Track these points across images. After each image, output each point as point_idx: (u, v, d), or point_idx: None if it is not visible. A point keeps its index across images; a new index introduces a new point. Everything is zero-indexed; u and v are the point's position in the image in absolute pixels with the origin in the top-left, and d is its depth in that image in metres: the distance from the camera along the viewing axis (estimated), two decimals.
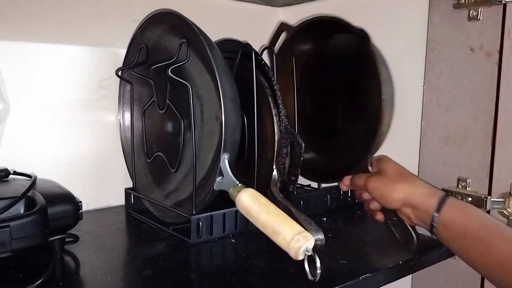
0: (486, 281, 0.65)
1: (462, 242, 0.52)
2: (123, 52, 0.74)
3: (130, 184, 0.78)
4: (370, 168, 0.65)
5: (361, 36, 0.68)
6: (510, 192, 0.62)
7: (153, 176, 0.76)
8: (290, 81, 0.80)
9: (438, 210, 0.54)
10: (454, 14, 0.67)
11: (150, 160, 0.74)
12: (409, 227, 0.60)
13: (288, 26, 0.81)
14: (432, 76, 0.70)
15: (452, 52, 0.68)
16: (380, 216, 0.63)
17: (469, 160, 0.67)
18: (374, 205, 0.63)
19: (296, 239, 0.48)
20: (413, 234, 0.59)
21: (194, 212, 0.62)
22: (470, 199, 0.66)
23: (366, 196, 0.64)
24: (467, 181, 0.67)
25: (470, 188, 0.67)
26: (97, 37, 0.78)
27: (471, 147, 0.66)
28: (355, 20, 0.85)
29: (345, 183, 0.66)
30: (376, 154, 0.71)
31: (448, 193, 0.58)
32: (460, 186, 0.68)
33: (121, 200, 0.79)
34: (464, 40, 0.67)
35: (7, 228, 0.47)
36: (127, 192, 0.77)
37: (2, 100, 0.68)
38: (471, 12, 0.65)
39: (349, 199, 0.83)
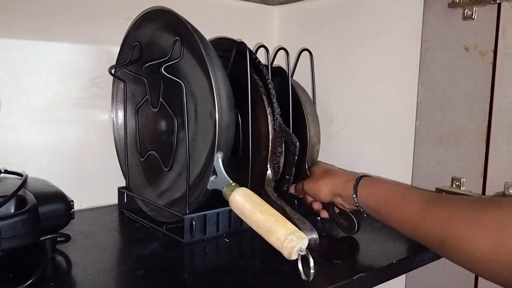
0: (479, 279, 0.65)
1: (380, 213, 0.59)
2: (116, 49, 0.74)
3: (123, 183, 0.77)
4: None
5: (279, 72, 0.74)
6: (504, 192, 0.62)
7: (147, 175, 0.76)
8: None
9: (355, 192, 0.61)
10: (448, 13, 0.67)
11: (143, 159, 0.73)
12: (349, 213, 0.65)
13: None
14: (426, 76, 0.70)
15: (446, 51, 0.68)
16: (324, 214, 0.70)
17: (463, 159, 0.67)
18: (316, 205, 0.71)
19: (289, 238, 0.48)
20: (354, 218, 0.65)
21: (187, 212, 0.62)
22: None
23: (309, 199, 0.71)
24: (461, 180, 0.67)
25: (464, 188, 0.67)
26: (90, 34, 0.77)
27: (466, 146, 0.66)
28: (350, 19, 0.85)
29: (292, 191, 0.73)
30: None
31: (364, 175, 0.64)
32: (454, 186, 0.68)
33: (114, 199, 0.78)
34: (458, 39, 0.66)
35: None
36: (120, 191, 0.76)
37: None
38: (465, 11, 0.65)
39: None
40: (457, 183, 0.67)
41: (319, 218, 0.73)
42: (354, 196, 0.61)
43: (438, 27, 0.69)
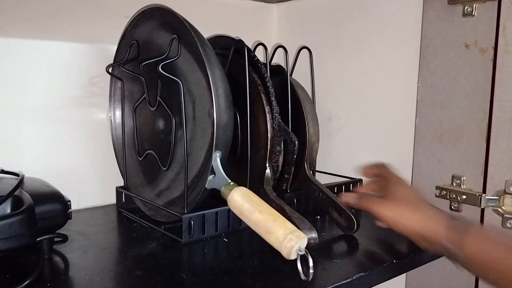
0: (480, 279, 0.65)
1: (484, 266, 0.51)
2: (113, 48, 0.73)
3: (121, 183, 0.76)
4: (364, 176, 0.66)
5: (278, 71, 0.73)
6: (504, 190, 0.62)
7: (145, 175, 0.75)
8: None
9: (460, 248, 0.51)
10: (448, 10, 0.67)
11: (141, 158, 0.73)
12: (349, 212, 0.63)
13: None
14: (426, 73, 0.70)
15: (446, 49, 0.67)
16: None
17: (464, 157, 0.66)
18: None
19: (288, 238, 0.47)
20: (353, 217, 0.63)
21: (185, 211, 0.62)
22: (464, 197, 0.66)
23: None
24: (462, 178, 0.66)
25: (464, 186, 0.66)
26: (87, 33, 0.76)
27: (466, 144, 0.66)
28: (349, 16, 0.85)
29: (349, 201, 0.63)
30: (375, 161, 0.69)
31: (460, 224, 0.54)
32: (454, 184, 0.67)
33: (112, 199, 0.78)
34: (458, 36, 0.66)
35: None
36: (118, 190, 0.76)
37: None
38: (465, 8, 0.64)
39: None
40: (457, 181, 0.67)
41: (318, 217, 0.72)
42: (456, 251, 0.51)
43: (438, 24, 0.68)
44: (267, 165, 0.67)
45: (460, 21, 0.66)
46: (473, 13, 0.64)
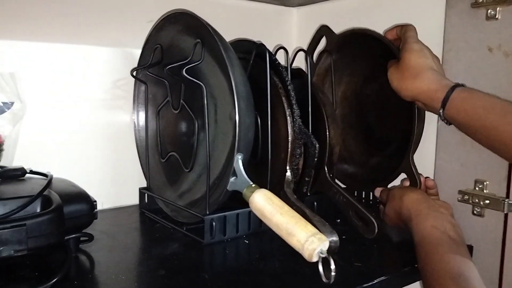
0: (504, 281, 0.64)
1: (470, 131, 0.57)
2: (138, 52, 0.75)
3: (144, 184, 0.78)
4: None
5: (300, 76, 0.74)
6: None
7: (167, 176, 0.76)
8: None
9: (443, 106, 0.58)
10: (471, 13, 0.66)
11: (164, 160, 0.74)
12: (369, 216, 0.63)
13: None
14: (449, 77, 0.69)
15: (469, 52, 0.67)
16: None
17: (487, 161, 0.65)
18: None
19: (310, 240, 0.48)
20: (373, 220, 0.62)
21: (207, 212, 0.62)
22: (487, 201, 0.65)
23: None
24: (485, 183, 0.66)
25: (487, 191, 0.66)
26: (112, 37, 0.78)
27: None
28: (369, 20, 0.85)
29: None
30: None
31: (458, 84, 0.59)
32: (477, 189, 0.66)
33: (135, 200, 0.79)
34: (482, 40, 0.65)
35: (23, 227, 0.48)
36: (141, 191, 0.77)
37: (19, 100, 0.69)
38: (489, 11, 0.64)
39: (363, 201, 0.82)
40: (480, 186, 0.66)
41: (338, 220, 0.72)
42: (441, 111, 0.58)
43: (461, 28, 0.67)
44: (287, 167, 0.67)
45: (483, 24, 0.65)
46: (497, 16, 0.63)
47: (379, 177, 0.79)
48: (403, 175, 0.73)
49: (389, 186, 0.76)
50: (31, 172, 0.62)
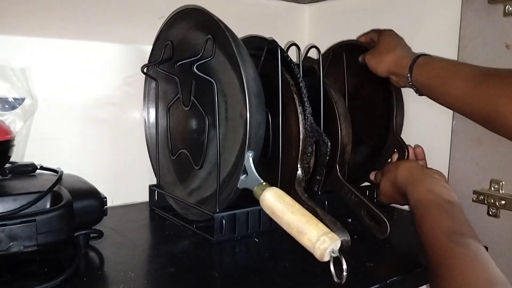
0: None
1: (431, 90, 0.63)
2: (148, 49, 0.75)
3: (154, 181, 0.78)
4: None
5: (312, 73, 0.73)
6: None
7: (177, 174, 0.76)
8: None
9: (410, 71, 0.65)
10: (488, 9, 0.65)
11: (174, 157, 0.74)
12: (382, 216, 0.62)
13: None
14: None
15: (486, 49, 0.65)
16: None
17: (503, 161, 0.64)
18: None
19: (322, 240, 0.47)
20: (386, 220, 0.62)
21: (217, 210, 0.62)
22: (503, 202, 0.63)
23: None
24: (501, 183, 0.64)
25: (503, 191, 0.64)
26: (123, 34, 0.78)
27: (505, 148, 0.63)
28: (382, 16, 0.83)
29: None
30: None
31: (423, 54, 0.66)
32: (493, 189, 0.65)
33: (144, 197, 0.79)
34: (499, 36, 0.64)
35: (33, 222, 0.48)
36: (151, 188, 0.77)
37: (30, 96, 0.69)
38: (507, 7, 0.62)
39: (375, 200, 0.81)
40: (496, 186, 0.65)
41: (349, 220, 0.71)
42: (408, 75, 0.64)
43: (477, 24, 0.66)
44: (298, 166, 0.67)
45: (501, 21, 0.63)
46: None
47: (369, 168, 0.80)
48: None
49: None
50: (42, 168, 0.62)
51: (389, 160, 0.77)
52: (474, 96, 0.55)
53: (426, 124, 0.76)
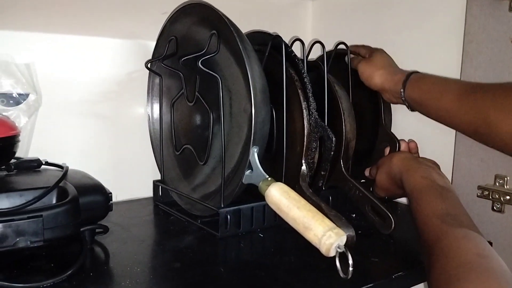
0: None
1: (423, 105, 0.65)
2: (152, 44, 0.74)
3: (157, 176, 0.78)
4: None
5: (315, 67, 0.74)
6: None
7: (181, 169, 0.76)
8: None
9: (404, 87, 0.67)
10: (494, 4, 0.64)
11: (178, 153, 0.74)
12: (387, 212, 0.63)
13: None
14: (469, 69, 0.68)
15: (491, 44, 0.65)
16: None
17: (507, 156, 0.63)
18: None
19: (328, 235, 0.47)
20: (390, 215, 0.62)
21: (222, 206, 0.62)
22: (508, 197, 0.63)
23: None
24: (505, 178, 0.64)
25: (508, 186, 0.64)
26: (126, 29, 0.78)
27: None
28: (386, 11, 0.83)
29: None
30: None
31: (415, 71, 0.68)
32: (497, 184, 0.65)
33: (148, 192, 0.79)
34: (504, 31, 0.64)
35: (40, 218, 0.48)
36: (155, 184, 0.77)
37: (34, 91, 0.69)
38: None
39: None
40: (500, 181, 0.65)
41: (353, 215, 0.71)
42: (401, 90, 0.67)
43: (482, 19, 0.66)
44: (303, 161, 0.67)
45: (506, 16, 0.63)
46: None
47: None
48: None
49: None
50: (47, 163, 0.62)
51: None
52: (465, 109, 0.56)
53: (430, 119, 0.76)
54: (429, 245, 0.48)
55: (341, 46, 0.79)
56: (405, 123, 0.80)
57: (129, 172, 0.81)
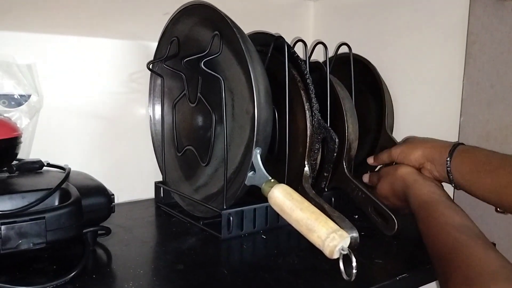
0: None
1: (472, 179, 0.58)
2: (154, 45, 0.74)
3: (159, 178, 0.78)
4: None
5: (317, 68, 0.73)
6: None
7: (183, 170, 0.76)
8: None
9: (451, 156, 0.61)
10: (497, 5, 0.64)
11: (180, 154, 0.74)
12: (390, 213, 0.63)
13: None
14: (472, 70, 0.68)
15: (494, 45, 0.65)
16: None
17: None
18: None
19: (331, 237, 0.47)
20: (393, 216, 0.62)
21: (225, 207, 0.62)
22: None
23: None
24: None
25: None
26: (128, 30, 0.78)
27: None
28: (389, 12, 0.83)
29: (370, 162, 0.75)
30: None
31: (461, 143, 0.63)
32: None
33: (150, 194, 0.79)
34: (507, 32, 0.63)
35: (42, 220, 0.47)
36: (157, 185, 0.77)
37: (36, 93, 0.69)
38: None
39: None
40: None
41: (356, 216, 0.71)
42: (448, 159, 0.60)
43: (486, 20, 0.66)
44: (305, 162, 0.66)
45: (510, 16, 0.63)
46: None
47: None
48: None
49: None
50: (49, 165, 0.62)
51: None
52: None
53: (434, 120, 0.76)
54: (446, 254, 0.47)
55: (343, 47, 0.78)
56: (407, 128, 0.80)
57: (130, 174, 0.81)
